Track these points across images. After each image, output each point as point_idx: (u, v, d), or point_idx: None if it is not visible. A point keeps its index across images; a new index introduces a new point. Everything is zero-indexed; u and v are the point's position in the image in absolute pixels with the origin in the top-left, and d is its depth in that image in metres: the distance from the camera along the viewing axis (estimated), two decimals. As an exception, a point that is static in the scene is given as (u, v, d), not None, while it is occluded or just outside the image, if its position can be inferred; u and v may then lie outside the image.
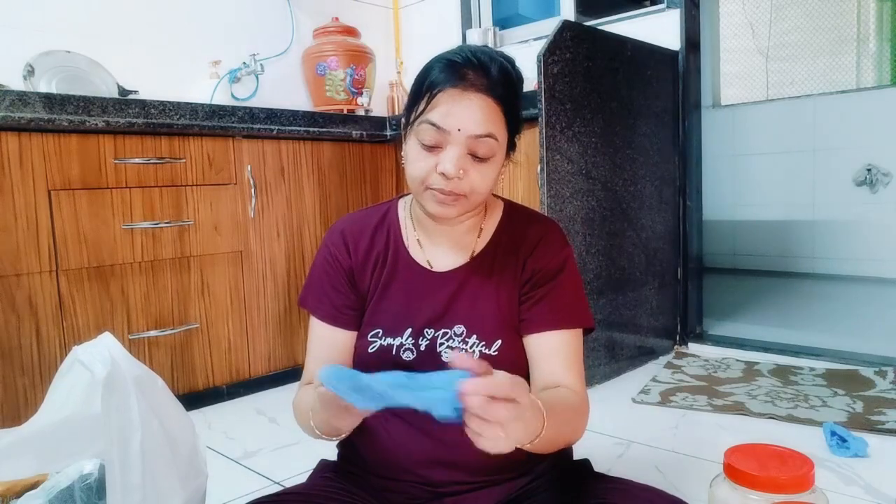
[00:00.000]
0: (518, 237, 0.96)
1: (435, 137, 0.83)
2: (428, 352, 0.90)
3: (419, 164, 0.85)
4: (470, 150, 0.84)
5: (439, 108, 0.83)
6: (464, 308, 0.92)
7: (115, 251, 1.92)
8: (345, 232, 0.98)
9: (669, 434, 1.72)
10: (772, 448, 0.77)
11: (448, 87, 0.83)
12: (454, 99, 0.82)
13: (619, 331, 2.26)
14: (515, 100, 0.88)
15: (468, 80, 0.83)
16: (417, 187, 0.87)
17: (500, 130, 0.85)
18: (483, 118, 0.83)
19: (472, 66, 0.84)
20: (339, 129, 2.46)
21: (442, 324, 0.91)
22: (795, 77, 4.23)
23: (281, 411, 2.05)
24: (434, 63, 0.87)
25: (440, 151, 0.84)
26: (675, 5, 2.49)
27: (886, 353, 2.24)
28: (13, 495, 0.74)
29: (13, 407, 1.74)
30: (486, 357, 0.89)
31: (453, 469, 0.88)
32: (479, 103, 0.83)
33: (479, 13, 3.20)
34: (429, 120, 0.83)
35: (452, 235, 0.95)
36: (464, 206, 0.87)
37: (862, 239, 3.81)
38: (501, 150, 0.87)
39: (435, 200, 0.85)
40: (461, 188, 0.84)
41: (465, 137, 0.82)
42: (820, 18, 4.17)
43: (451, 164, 0.82)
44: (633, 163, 2.30)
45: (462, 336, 0.90)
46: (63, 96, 1.79)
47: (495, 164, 0.87)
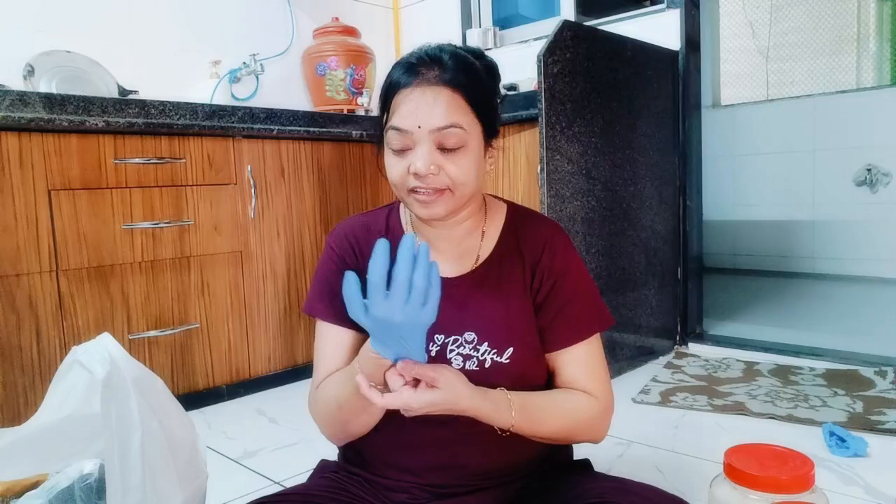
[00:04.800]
0: (523, 241, 0.95)
1: (401, 141, 0.83)
2: (438, 358, 0.89)
3: (394, 169, 0.85)
4: (438, 145, 0.83)
5: (399, 111, 0.83)
6: (474, 315, 0.90)
7: (115, 251, 1.92)
8: (349, 235, 0.97)
9: (669, 434, 1.72)
10: (772, 448, 0.77)
11: (402, 88, 0.83)
12: (409, 98, 0.83)
13: (619, 331, 2.26)
14: (479, 86, 0.87)
15: (420, 75, 0.83)
16: (401, 193, 0.87)
17: (464, 118, 0.84)
18: (441, 110, 0.82)
19: (423, 62, 0.84)
20: (339, 129, 2.46)
21: (452, 330, 0.90)
22: (795, 77, 4.23)
23: (281, 411, 2.05)
24: (392, 69, 0.87)
25: (409, 153, 0.84)
26: (675, 5, 2.49)
27: (886, 353, 2.24)
28: (13, 495, 0.74)
29: (13, 407, 1.74)
30: (498, 364, 0.88)
31: (454, 473, 0.88)
32: (434, 96, 0.82)
33: (479, 13, 3.21)
34: (392, 126, 0.84)
35: (453, 240, 0.94)
36: (450, 202, 0.85)
37: (862, 239, 3.81)
38: (474, 138, 0.86)
39: (419, 202, 0.85)
40: (440, 183, 0.83)
41: (427, 133, 0.82)
42: (820, 18, 4.17)
43: (421, 161, 0.82)
44: (633, 163, 2.30)
45: (473, 343, 0.89)
46: (63, 96, 1.79)
47: (470, 153, 0.85)
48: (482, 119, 0.87)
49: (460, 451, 0.88)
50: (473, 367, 0.88)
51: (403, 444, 0.89)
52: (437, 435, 0.87)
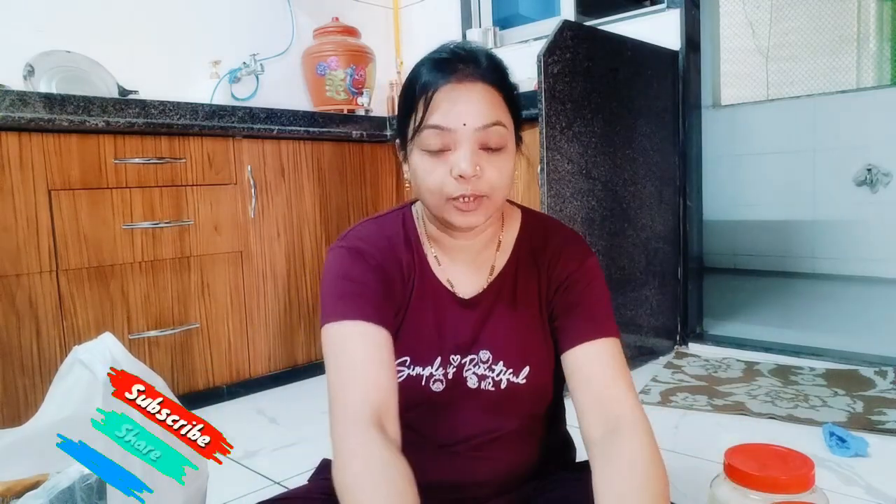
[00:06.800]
0: (538, 250, 0.89)
1: (442, 140, 0.77)
2: (454, 380, 0.86)
3: (433, 174, 0.78)
4: (481, 144, 0.78)
5: (439, 109, 0.77)
6: (489, 333, 0.86)
7: (115, 251, 1.92)
8: (368, 238, 0.87)
9: (669, 434, 1.72)
10: (772, 448, 0.77)
11: (442, 85, 0.78)
12: (451, 94, 0.77)
13: (620, 331, 2.26)
14: (511, 84, 0.83)
15: (460, 71, 0.78)
16: (437, 202, 0.79)
17: (505, 117, 0.80)
18: (486, 107, 0.78)
19: (460, 58, 0.79)
20: (339, 129, 2.46)
21: (468, 350, 0.86)
22: (795, 77, 4.23)
23: (281, 411, 2.05)
24: (419, 67, 0.82)
25: (450, 154, 0.78)
26: (675, 5, 2.49)
27: (886, 353, 2.24)
28: (13, 495, 0.74)
29: (13, 407, 1.74)
30: (514, 386, 0.85)
31: (465, 488, 0.87)
32: (479, 92, 0.78)
33: (479, 13, 3.20)
34: (431, 125, 0.77)
35: (470, 252, 0.88)
36: (487, 209, 0.80)
37: (862, 239, 3.81)
38: (512, 140, 0.82)
39: (458, 210, 0.78)
40: (481, 188, 0.78)
41: (472, 131, 0.77)
42: (820, 18, 4.17)
43: (466, 161, 0.76)
44: (633, 163, 2.30)
45: (488, 363, 0.86)
46: (63, 96, 1.79)
47: (509, 156, 0.81)
48: (515, 120, 0.83)
49: (472, 472, 0.86)
50: (489, 388, 0.85)
51: (414, 463, 0.77)
52: (450, 455, 0.86)
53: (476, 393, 0.86)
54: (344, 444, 0.72)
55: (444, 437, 0.86)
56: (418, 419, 0.86)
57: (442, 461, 0.86)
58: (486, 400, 0.85)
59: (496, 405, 0.86)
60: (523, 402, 0.86)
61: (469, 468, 0.86)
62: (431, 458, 0.86)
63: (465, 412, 0.86)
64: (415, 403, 0.85)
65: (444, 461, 0.86)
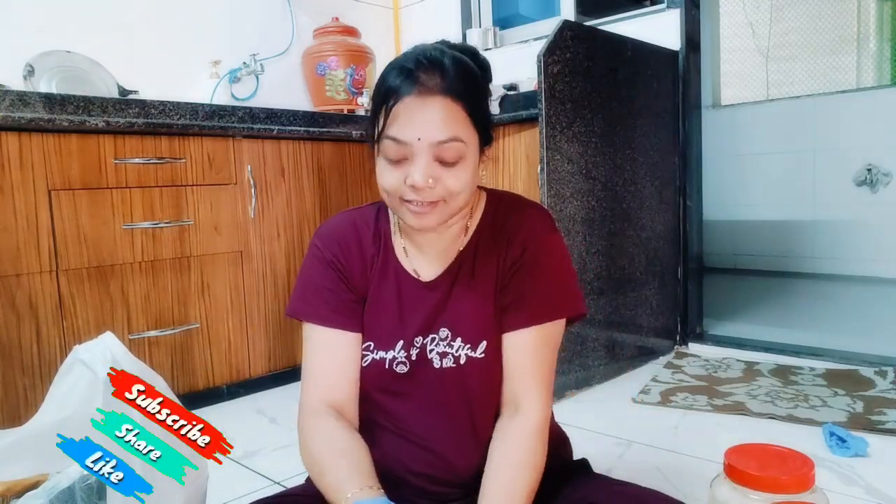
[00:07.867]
0: (498, 229, 0.92)
1: (399, 151, 0.80)
2: (419, 361, 0.89)
3: (389, 179, 0.82)
4: (436, 157, 0.80)
5: (398, 121, 0.79)
6: (448, 312, 0.90)
7: (115, 251, 1.92)
8: (336, 233, 0.95)
9: (669, 434, 1.72)
10: (772, 448, 0.76)
11: (403, 97, 0.79)
12: (410, 108, 0.79)
13: (619, 331, 2.26)
14: (478, 93, 0.84)
15: (421, 83, 0.79)
16: (393, 203, 0.85)
17: (464, 131, 0.81)
18: (443, 123, 0.79)
19: (423, 67, 0.80)
20: (339, 129, 2.46)
21: (429, 330, 0.89)
22: (795, 77, 4.23)
23: (281, 411, 2.05)
24: (387, 72, 0.83)
25: (407, 163, 0.80)
26: (675, 5, 2.49)
27: (886, 353, 2.24)
28: (13, 495, 0.74)
29: (13, 407, 1.74)
30: (473, 360, 0.88)
31: (448, 483, 0.89)
32: (437, 108, 0.79)
33: (479, 13, 3.21)
34: (389, 136, 0.80)
35: (441, 243, 0.92)
36: (443, 212, 0.83)
37: (862, 239, 3.81)
38: (471, 150, 0.83)
39: (412, 213, 0.83)
40: (435, 196, 0.81)
41: (427, 146, 0.79)
42: (820, 18, 4.17)
43: (420, 174, 0.79)
44: (633, 163, 2.30)
45: (447, 340, 0.89)
46: (63, 96, 1.79)
47: (467, 165, 0.82)
48: (480, 130, 0.84)
49: (454, 466, 0.89)
50: (450, 365, 0.88)
51: (398, 457, 0.90)
52: (433, 450, 0.88)
53: (440, 373, 0.88)
54: (304, 432, 0.88)
55: (406, 424, 0.90)
56: (384, 402, 0.91)
57: (412, 452, 0.89)
58: (447, 377, 0.88)
59: (458, 382, 0.88)
60: (483, 377, 0.88)
61: (440, 463, 0.88)
62: (401, 447, 0.89)
63: (429, 395, 0.89)
64: (381, 386, 0.90)
65: (414, 452, 0.89)
